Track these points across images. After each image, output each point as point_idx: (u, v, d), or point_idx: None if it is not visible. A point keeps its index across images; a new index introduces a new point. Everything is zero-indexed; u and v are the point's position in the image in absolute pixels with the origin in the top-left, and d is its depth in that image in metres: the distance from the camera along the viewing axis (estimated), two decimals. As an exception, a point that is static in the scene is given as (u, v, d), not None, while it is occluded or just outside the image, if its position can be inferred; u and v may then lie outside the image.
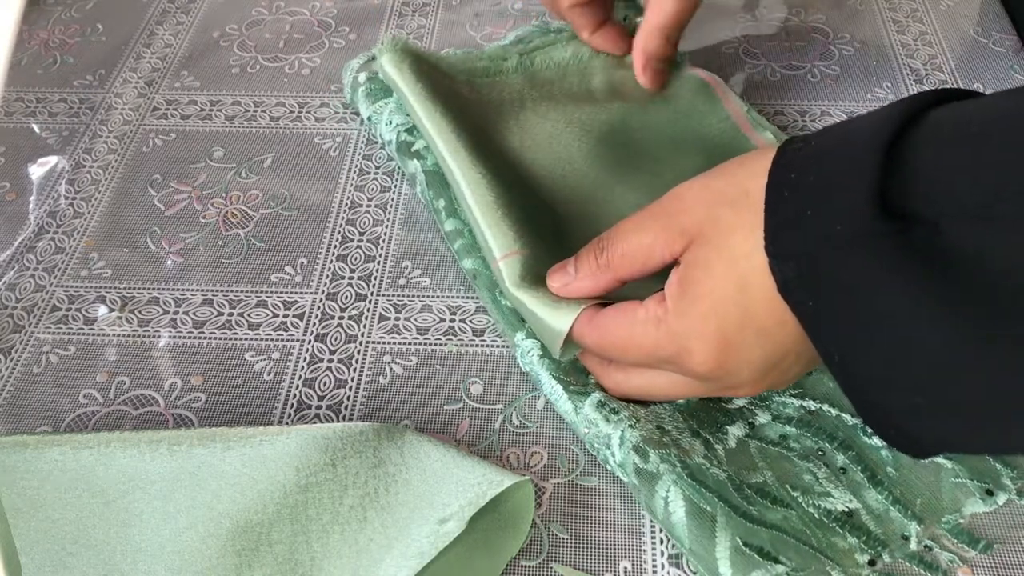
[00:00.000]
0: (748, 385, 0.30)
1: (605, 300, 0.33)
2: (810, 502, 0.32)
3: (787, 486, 0.32)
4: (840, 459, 0.33)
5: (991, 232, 0.22)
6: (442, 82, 0.43)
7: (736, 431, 0.34)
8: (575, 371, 0.36)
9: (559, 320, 0.33)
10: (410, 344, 0.39)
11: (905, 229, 0.23)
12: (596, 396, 0.34)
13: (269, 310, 0.41)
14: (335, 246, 0.44)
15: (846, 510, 0.32)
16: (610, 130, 0.45)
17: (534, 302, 0.34)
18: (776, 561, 0.29)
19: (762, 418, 0.34)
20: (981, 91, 0.26)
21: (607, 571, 0.32)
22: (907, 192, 0.23)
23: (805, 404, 0.35)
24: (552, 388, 0.35)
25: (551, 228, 0.39)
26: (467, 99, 0.44)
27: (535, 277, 0.35)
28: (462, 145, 0.40)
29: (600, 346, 0.32)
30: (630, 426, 0.32)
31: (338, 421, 0.37)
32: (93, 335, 0.40)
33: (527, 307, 0.34)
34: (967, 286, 0.22)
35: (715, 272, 0.28)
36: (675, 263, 0.30)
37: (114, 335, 0.40)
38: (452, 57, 0.46)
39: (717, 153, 0.43)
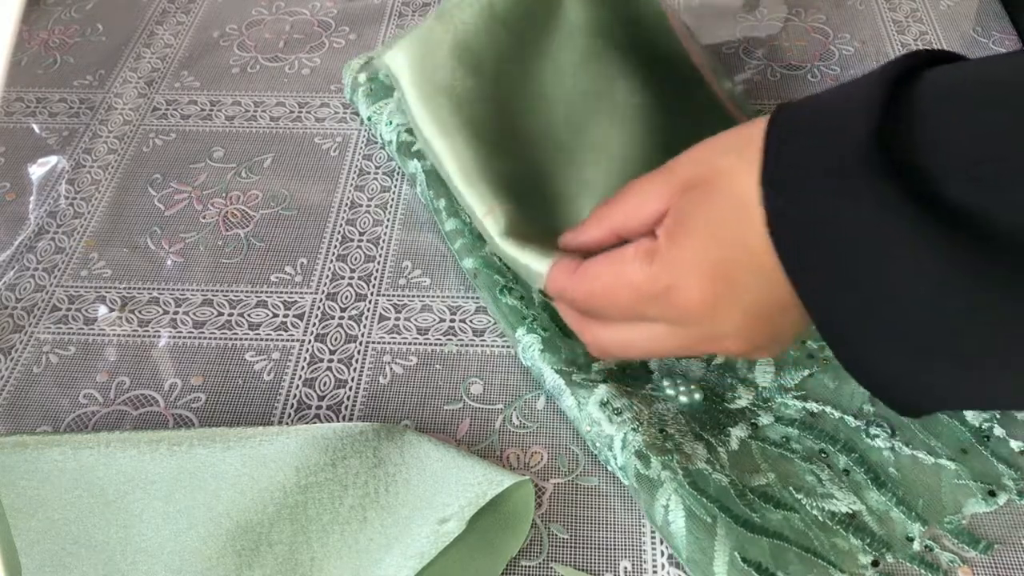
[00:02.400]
0: (734, 337, 0.28)
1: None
2: (813, 503, 0.32)
3: (790, 487, 0.32)
4: (843, 461, 0.33)
5: (988, 189, 0.21)
6: (431, 47, 0.42)
7: (739, 432, 0.34)
8: (577, 363, 0.36)
9: (543, 264, 0.33)
10: (410, 344, 0.39)
11: (902, 172, 0.23)
12: (601, 394, 0.34)
13: (269, 310, 0.41)
14: (335, 246, 0.44)
15: (849, 512, 0.32)
16: (569, 73, 0.44)
17: (520, 252, 0.33)
18: None
19: (764, 419, 0.34)
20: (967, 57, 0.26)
21: (607, 571, 0.32)
22: (905, 142, 0.23)
23: (807, 406, 0.35)
24: (555, 382, 0.35)
25: (535, 180, 0.39)
26: (453, 56, 0.43)
27: (520, 231, 0.34)
28: (444, 109, 0.39)
29: (586, 294, 0.31)
30: (633, 429, 0.32)
31: (338, 421, 0.36)
32: (93, 335, 0.40)
33: (511, 256, 0.34)
34: (962, 235, 0.22)
35: (714, 203, 0.27)
36: None
37: (114, 335, 0.40)
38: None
39: (673, 82, 0.43)
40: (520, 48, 0.43)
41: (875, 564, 0.30)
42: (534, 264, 0.33)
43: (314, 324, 0.40)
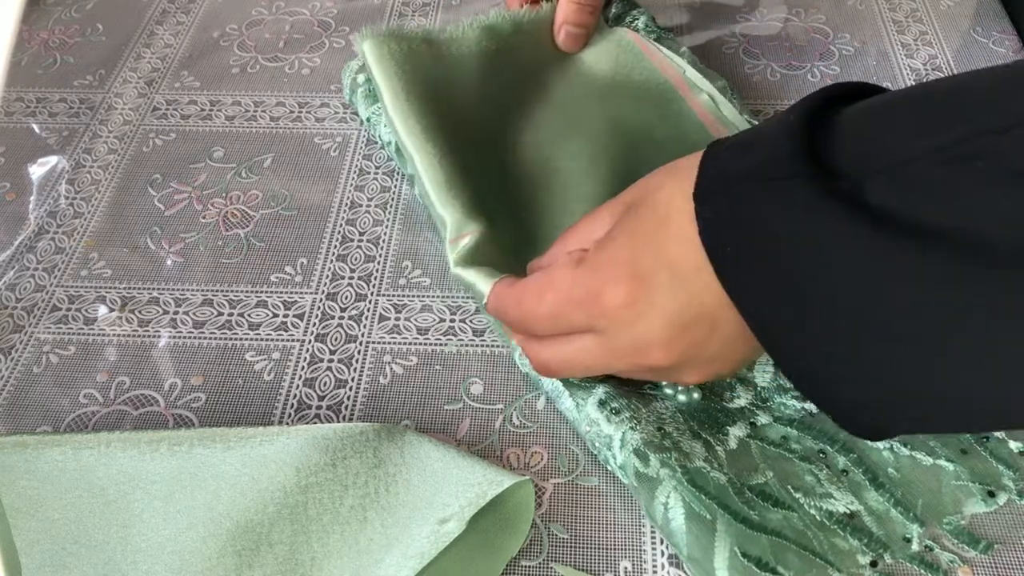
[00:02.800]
0: (658, 346, 0.28)
1: None
2: (811, 503, 0.32)
3: (788, 487, 0.32)
4: (841, 461, 0.33)
5: (909, 189, 0.22)
6: (412, 60, 0.43)
7: (737, 432, 0.34)
8: None
9: (488, 284, 0.34)
10: (410, 344, 0.39)
11: (829, 177, 0.24)
12: (599, 394, 0.34)
13: (269, 310, 0.41)
14: (335, 246, 0.44)
15: (848, 512, 0.32)
16: (548, 95, 0.46)
17: (472, 275, 0.35)
18: (775, 573, 0.29)
19: (763, 419, 0.34)
20: (887, 87, 0.28)
21: (607, 571, 0.32)
22: (829, 151, 0.24)
23: (806, 406, 0.35)
24: (553, 385, 0.35)
25: (506, 203, 0.41)
26: (430, 75, 0.43)
27: (481, 256, 0.36)
28: (419, 124, 0.40)
29: (518, 307, 0.32)
30: (631, 428, 0.32)
31: (338, 421, 0.37)
32: (93, 335, 0.40)
33: (465, 280, 0.35)
34: (883, 230, 0.22)
35: (640, 216, 0.29)
36: None
37: (114, 335, 0.40)
38: (429, 30, 0.46)
39: (653, 112, 0.44)
40: (502, 71, 0.44)
41: (874, 564, 0.31)
42: (480, 284, 0.35)
43: (314, 324, 0.40)
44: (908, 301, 0.23)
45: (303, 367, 0.39)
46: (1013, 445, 0.33)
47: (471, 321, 0.40)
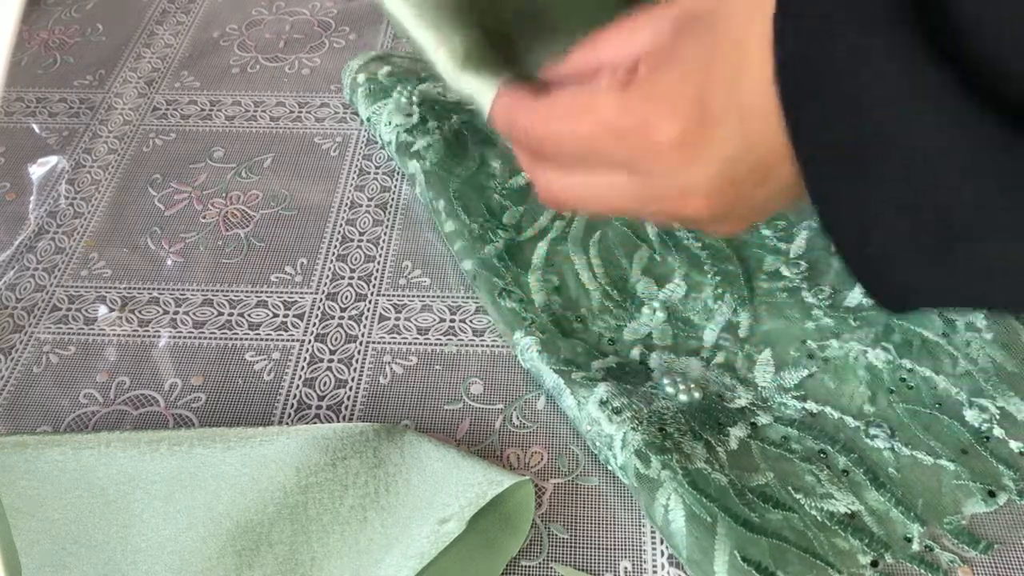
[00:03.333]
0: (702, 195, 0.25)
1: None
2: (812, 504, 0.32)
3: (789, 487, 0.32)
4: (842, 461, 0.33)
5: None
6: None
7: (738, 432, 0.34)
8: (576, 363, 0.36)
9: (492, 91, 0.29)
10: (410, 344, 0.39)
11: (937, 23, 0.20)
12: (600, 393, 0.34)
13: (269, 310, 0.41)
14: (335, 246, 0.44)
15: (848, 512, 0.32)
16: None
17: (472, 82, 0.29)
18: None
19: (764, 419, 0.34)
20: None
21: (607, 571, 0.32)
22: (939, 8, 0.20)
23: (807, 406, 0.35)
24: (554, 382, 0.35)
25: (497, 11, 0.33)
26: None
27: (479, 59, 0.30)
28: None
29: (543, 125, 0.27)
30: (632, 428, 0.32)
31: (338, 421, 0.36)
32: (93, 335, 0.40)
33: (465, 89, 0.29)
34: (991, 111, 0.19)
35: (711, 38, 0.24)
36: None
37: (114, 335, 0.40)
38: None
39: None
40: None
41: (874, 564, 0.31)
42: (482, 91, 0.29)
43: (314, 324, 0.40)
44: (980, 195, 0.20)
45: (303, 367, 0.39)
46: (1014, 445, 0.33)
47: (471, 321, 0.40)
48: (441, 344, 0.39)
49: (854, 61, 0.21)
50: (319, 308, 0.41)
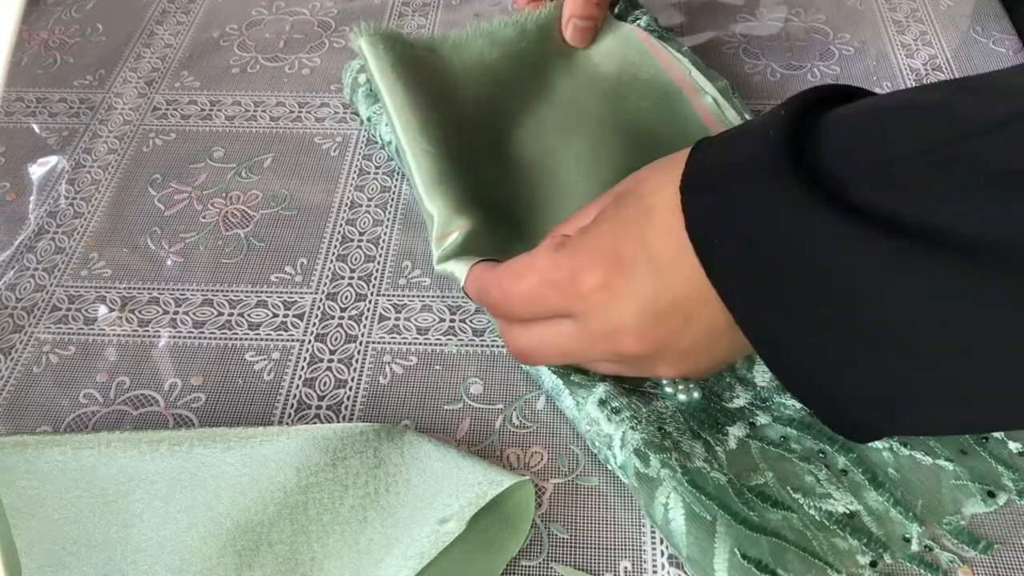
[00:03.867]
0: (632, 334, 0.29)
1: None
2: (811, 504, 0.32)
3: (788, 487, 0.32)
4: (841, 461, 0.33)
5: (892, 188, 0.23)
6: (412, 60, 0.43)
7: (737, 432, 0.34)
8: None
9: (465, 268, 0.35)
10: (410, 344, 0.39)
11: (815, 174, 0.24)
12: (599, 393, 0.34)
13: (269, 310, 0.41)
14: (335, 246, 0.44)
15: (847, 512, 0.32)
16: (552, 94, 0.46)
17: (451, 265, 0.36)
18: (774, 574, 0.29)
19: (763, 419, 0.34)
20: (873, 91, 0.28)
21: (607, 571, 0.32)
22: (815, 150, 0.25)
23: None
24: (553, 383, 0.35)
25: (501, 199, 0.41)
26: (431, 74, 0.43)
27: (468, 252, 0.36)
28: (416, 118, 0.40)
29: (498, 288, 0.32)
30: (631, 428, 0.32)
31: (338, 421, 0.37)
32: (93, 335, 0.40)
33: (447, 272, 0.36)
34: (868, 228, 0.23)
35: (624, 204, 0.29)
36: None
37: (114, 335, 0.40)
38: (430, 37, 0.46)
39: (656, 113, 0.44)
40: (506, 74, 0.44)
41: (873, 564, 0.31)
42: (458, 271, 0.35)
43: (314, 324, 0.40)
44: (889, 296, 0.23)
45: (303, 367, 0.39)
46: (1012, 446, 0.33)
47: (471, 321, 0.40)
48: (441, 344, 0.39)
49: (752, 210, 0.25)
50: (319, 308, 0.41)
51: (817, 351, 0.25)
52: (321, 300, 0.41)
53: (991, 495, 0.32)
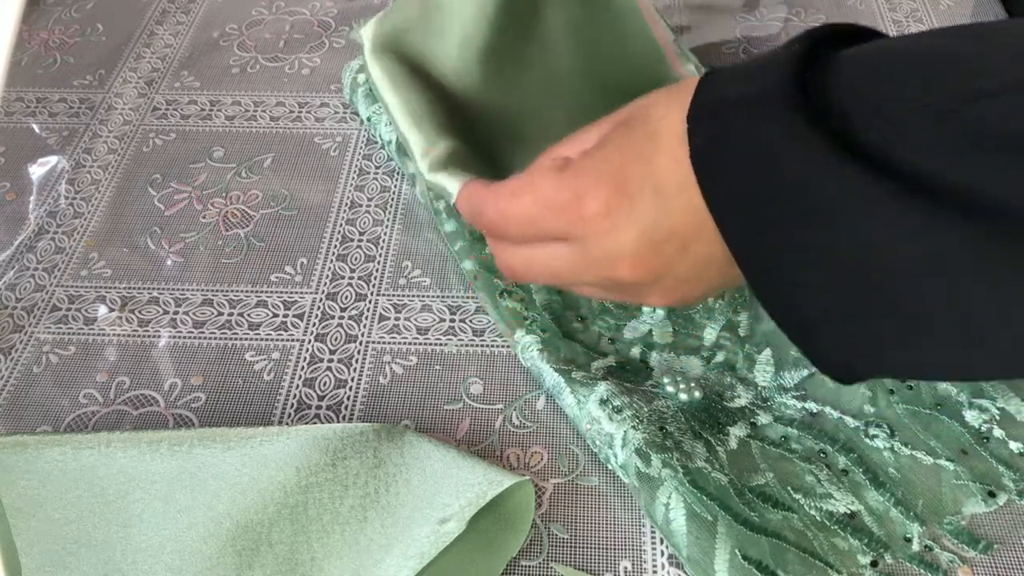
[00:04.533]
0: (628, 260, 0.28)
1: None
2: (812, 504, 0.32)
3: (788, 487, 0.32)
4: (842, 461, 0.33)
5: (897, 135, 0.23)
6: (406, 30, 0.43)
7: (737, 431, 0.34)
8: (577, 362, 0.36)
9: (458, 183, 0.34)
10: (410, 344, 0.39)
11: (823, 111, 0.24)
12: (600, 392, 0.34)
13: (269, 310, 0.41)
14: (335, 246, 0.44)
15: (848, 512, 0.32)
16: (541, 46, 0.45)
17: (444, 178, 0.34)
18: (774, 575, 0.29)
19: (764, 419, 0.34)
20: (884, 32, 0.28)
21: (607, 571, 0.32)
22: (825, 87, 0.24)
23: (807, 406, 0.35)
24: (555, 381, 0.35)
25: (481, 138, 0.40)
26: (422, 29, 0.43)
27: (456, 163, 0.35)
28: (401, 70, 0.40)
29: (495, 207, 0.31)
30: (633, 427, 0.32)
31: (338, 421, 0.36)
32: (93, 335, 0.40)
33: (436, 184, 0.35)
34: (874, 173, 0.23)
35: (632, 130, 0.29)
36: None
37: (114, 335, 0.40)
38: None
39: (634, 68, 0.44)
40: (495, 22, 0.43)
41: (874, 564, 0.31)
42: (450, 185, 0.34)
43: (314, 324, 0.40)
44: (888, 240, 0.23)
45: (303, 367, 0.39)
46: (1013, 446, 0.33)
47: (471, 321, 0.40)
48: (441, 344, 0.39)
49: (756, 142, 0.25)
50: (319, 308, 0.41)
51: (807, 284, 0.25)
52: (321, 300, 0.41)
53: (992, 495, 0.32)
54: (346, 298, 0.41)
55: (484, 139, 0.41)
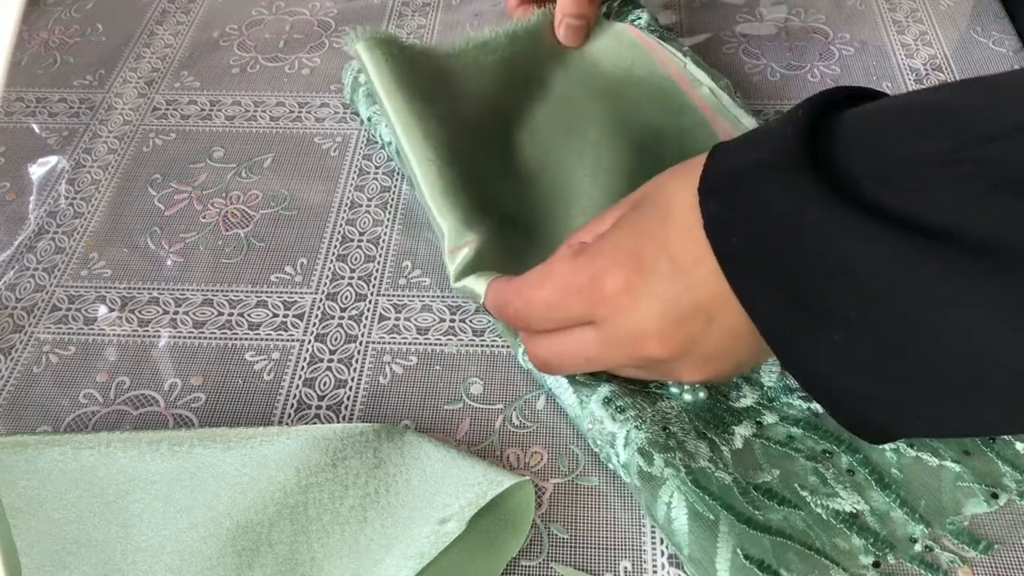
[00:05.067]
0: (654, 337, 0.28)
1: None
2: (817, 501, 0.32)
3: (794, 486, 0.32)
4: (847, 461, 0.33)
5: (904, 188, 0.23)
6: (410, 63, 0.43)
7: (743, 431, 0.34)
8: None
9: (483, 283, 0.35)
10: (410, 344, 0.39)
11: (831, 172, 0.24)
12: (603, 392, 0.34)
13: (269, 310, 0.41)
14: (335, 246, 0.44)
15: (852, 511, 0.32)
16: (549, 96, 0.46)
17: (471, 281, 0.36)
18: (776, 574, 0.29)
19: (769, 419, 0.34)
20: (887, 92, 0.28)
21: (607, 571, 0.32)
22: (830, 149, 0.25)
23: (812, 406, 0.35)
24: (556, 381, 0.35)
25: (509, 207, 0.41)
26: (429, 79, 0.43)
27: (482, 264, 0.36)
28: (418, 128, 0.40)
29: (518, 299, 0.32)
30: (635, 427, 0.32)
31: (338, 421, 0.36)
32: (93, 335, 0.40)
33: (464, 290, 0.36)
34: (886, 228, 0.23)
35: (643, 210, 0.30)
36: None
37: (114, 335, 0.40)
38: (425, 45, 0.46)
39: (655, 108, 0.44)
40: (502, 77, 0.44)
41: (876, 565, 0.30)
42: (477, 287, 0.35)
43: (314, 324, 0.40)
44: (906, 295, 0.23)
45: (303, 367, 0.39)
46: (1019, 446, 0.33)
47: (471, 321, 0.40)
48: (441, 344, 0.39)
49: (769, 207, 0.25)
50: (319, 308, 0.41)
51: (833, 350, 0.25)
52: (321, 300, 0.41)
53: (994, 496, 0.32)
54: (346, 298, 0.41)
55: (506, 203, 0.41)
